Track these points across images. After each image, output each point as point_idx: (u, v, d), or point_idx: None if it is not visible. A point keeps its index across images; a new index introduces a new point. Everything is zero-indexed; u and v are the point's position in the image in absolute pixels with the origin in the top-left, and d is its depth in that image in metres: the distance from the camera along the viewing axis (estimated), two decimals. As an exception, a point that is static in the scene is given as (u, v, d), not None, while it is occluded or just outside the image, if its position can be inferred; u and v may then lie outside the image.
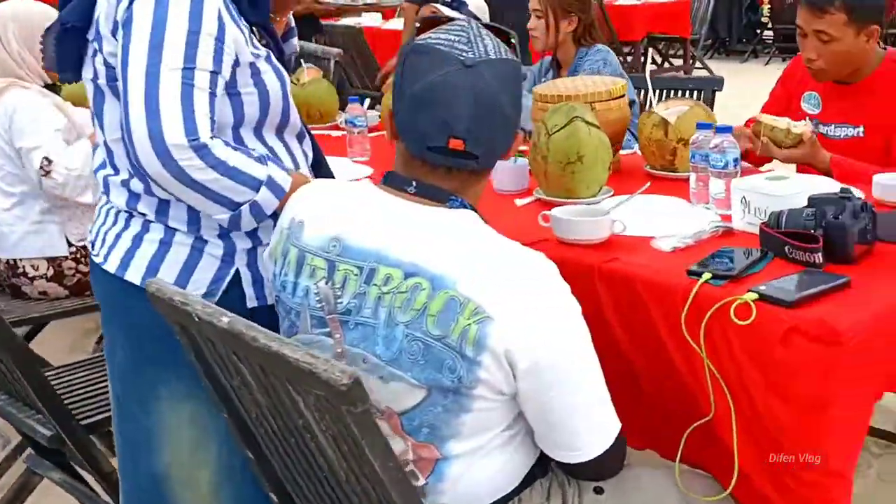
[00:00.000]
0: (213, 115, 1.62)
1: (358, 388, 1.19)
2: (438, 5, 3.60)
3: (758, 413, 1.62)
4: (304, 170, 1.90)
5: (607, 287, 1.85)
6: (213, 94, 1.62)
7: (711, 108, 3.14)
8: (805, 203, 1.91)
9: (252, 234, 1.78)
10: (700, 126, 2.29)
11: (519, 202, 2.31)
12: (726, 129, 2.22)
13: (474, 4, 3.67)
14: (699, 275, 1.76)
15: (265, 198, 1.68)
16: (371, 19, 7.34)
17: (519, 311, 1.42)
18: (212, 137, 1.61)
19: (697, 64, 9.28)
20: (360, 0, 7.84)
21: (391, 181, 1.56)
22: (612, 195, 2.31)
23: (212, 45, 1.63)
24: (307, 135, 1.93)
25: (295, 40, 2.13)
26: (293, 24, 2.10)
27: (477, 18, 3.62)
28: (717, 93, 3.51)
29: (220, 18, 1.66)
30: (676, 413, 1.80)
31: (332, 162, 2.07)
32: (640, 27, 8.02)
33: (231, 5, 1.71)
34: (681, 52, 9.20)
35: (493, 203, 2.30)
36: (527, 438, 1.57)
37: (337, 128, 3.35)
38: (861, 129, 2.69)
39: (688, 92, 3.54)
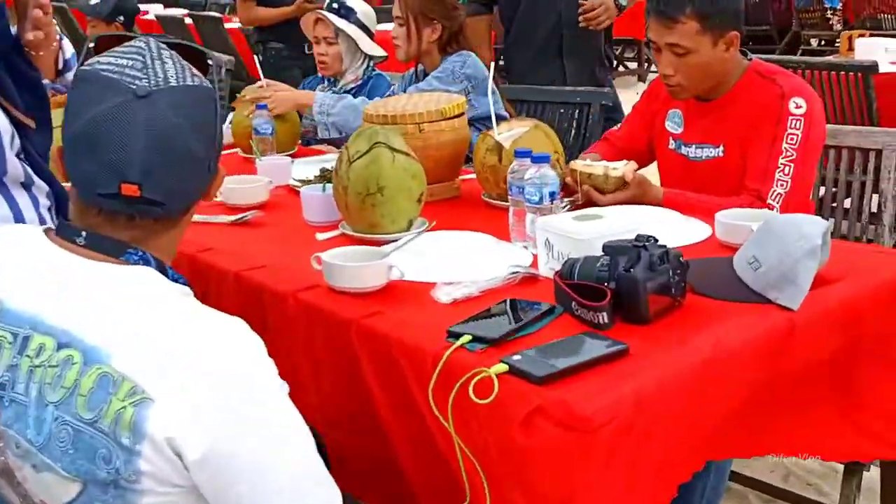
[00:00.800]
0: None
1: None
2: (325, 12, 3.35)
3: (507, 505, 1.38)
4: (32, 215, 1.71)
5: (364, 346, 1.61)
6: None
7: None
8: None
9: None
10: (518, 154, 2.04)
11: (320, 236, 2.06)
12: (544, 158, 1.97)
13: (362, 10, 3.43)
14: (457, 336, 1.52)
15: None
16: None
17: (185, 391, 1.17)
18: None
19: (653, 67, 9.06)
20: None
21: (61, 231, 1.31)
22: (429, 228, 2.07)
23: None
24: (42, 180, 1.76)
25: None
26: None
27: (365, 28, 3.39)
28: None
29: None
30: (439, 494, 1.55)
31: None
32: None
33: None
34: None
35: (292, 234, 2.08)
36: None
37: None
38: (721, 148, 2.41)
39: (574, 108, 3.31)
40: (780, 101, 2.30)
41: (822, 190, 2.81)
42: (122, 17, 4.20)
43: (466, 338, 1.51)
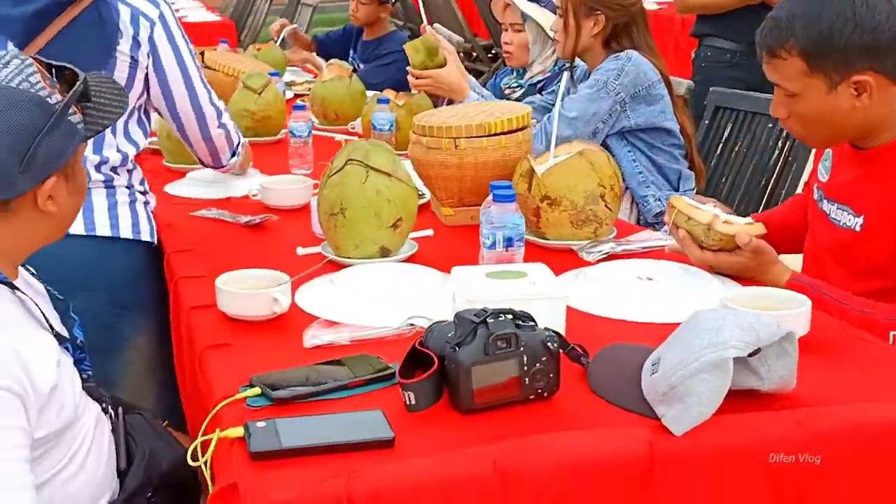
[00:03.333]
0: None
1: None
2: None
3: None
4: None
5: (202, 369, 1.51)
6: None
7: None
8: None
9: None
10: (491, 187, 1.76)
11: (301, 251, 1.95)
12: (506, 197, 1.70)
13: None
14: (250, 386, 1.36)
15: None
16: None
17: None
18: None
19: None
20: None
21: None
22: (405, 258, 1.89)
23: None
24: None
25: None
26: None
27: None
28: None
29: None
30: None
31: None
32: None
33: None
34: None
35: (284, 245, 2.01)
36: None
37: (347, 132, 3.09)
38: (860, 220, 1.82)
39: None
40: None
41: None
42: None
43: (254, 391, 1.35)
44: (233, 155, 2.30)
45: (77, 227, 1.97)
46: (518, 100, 3.10)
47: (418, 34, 2.81)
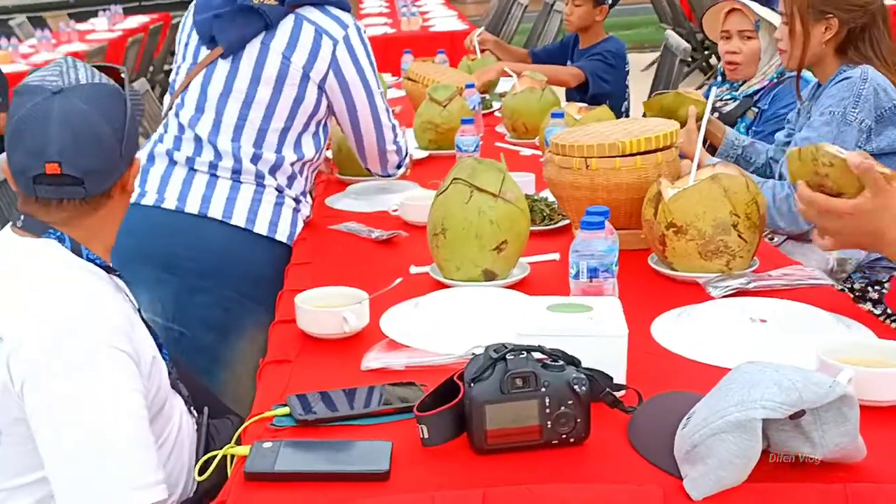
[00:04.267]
0: None
1: None
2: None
3: None
4: None
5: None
6: None
7: None
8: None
9: None
10: (586, 214, 1.65)
11: (413, 269, 1.94)
12: (596, 224, 1.59)
13: None
14: (284, 405, 1.38)
15: None
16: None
17: (30, 332, 1.38)
18: None
19: None
20: None
21: (12, 216, 1.58)
22: (510, 284, 1.82)
23: None
24: None
25: None
26: None
27: None
28: None
29: None
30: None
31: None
32: None
33: None
34: None
35: (403, 263, 1.99)
36: None
37: (535, 146, 3.04)
38: None
39: None
40: None
41: None
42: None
43: (283, 410, 1.36)
44: (398, 167, 2.45)
45: (215, 211, 2.12)
46: (732, 113, 2.90)
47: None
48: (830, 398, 1.12)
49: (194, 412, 1.65)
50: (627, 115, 4.08)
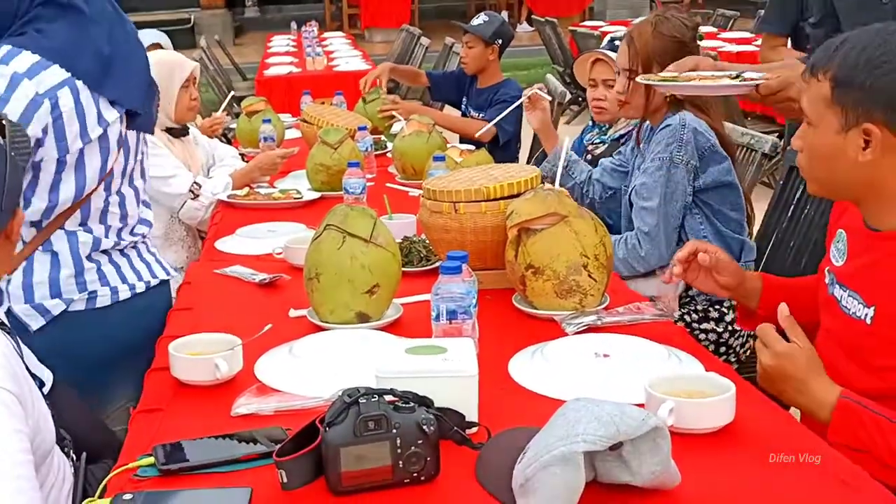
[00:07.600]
0: None
1: None
2: (606, 51, 3.13)
3: None
4: None
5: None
6: None
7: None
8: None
9: None
10: (449, 257, 1.76)
11: (293, 313, 2.02)
12: (452, 269, 1.69)
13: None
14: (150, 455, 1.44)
15: None
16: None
17: None
18: None
19: None
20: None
21: None
22: (380, 326, 1.91)
23: None
24: None
25: None
26: None
27: None
28: None
29: None
30: None
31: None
32: None
33: None
34: None
35: (282, 307, 2.06)
36: None
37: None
38: (870, 311, 1.65)
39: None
40: None
41: None
42: (500, 41, 4.24)
43: (148, 460, 1.42)
44: None
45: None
46: (601, 155, 3.08)
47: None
48: (644, 430, 1.24)
49: (73, 455, 1.69)
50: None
